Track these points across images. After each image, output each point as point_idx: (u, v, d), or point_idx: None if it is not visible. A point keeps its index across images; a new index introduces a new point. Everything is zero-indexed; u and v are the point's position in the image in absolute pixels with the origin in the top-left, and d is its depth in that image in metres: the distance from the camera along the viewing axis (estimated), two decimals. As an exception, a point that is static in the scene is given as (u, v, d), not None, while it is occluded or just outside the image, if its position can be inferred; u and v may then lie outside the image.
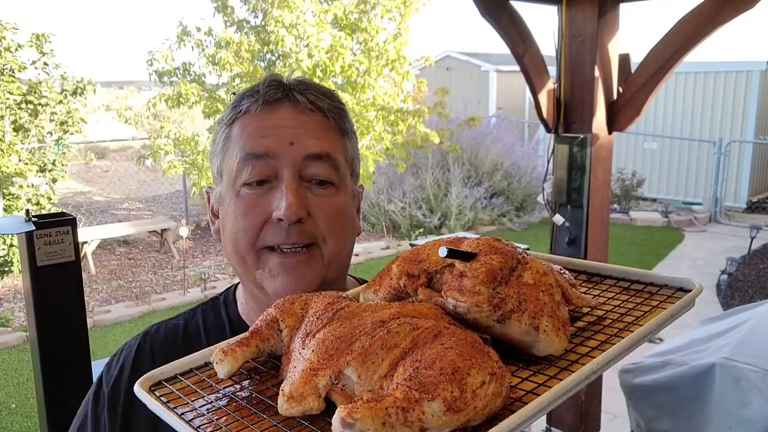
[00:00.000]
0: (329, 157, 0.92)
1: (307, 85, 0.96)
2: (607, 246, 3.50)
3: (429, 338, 0.55)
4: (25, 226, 2.61)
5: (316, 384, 0.54)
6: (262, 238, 0.90)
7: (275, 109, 0.92)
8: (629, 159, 12.54)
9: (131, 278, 8.07)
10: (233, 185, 0.92)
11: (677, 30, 2.95)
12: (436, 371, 0.50)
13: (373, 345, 0.55)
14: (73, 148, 13.46)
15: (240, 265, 0.94)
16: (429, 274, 0.68)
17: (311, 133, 0.92)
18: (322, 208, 0.91)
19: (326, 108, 0.95)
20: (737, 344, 2.73)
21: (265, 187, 0.90)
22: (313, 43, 7.95)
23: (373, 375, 0.54)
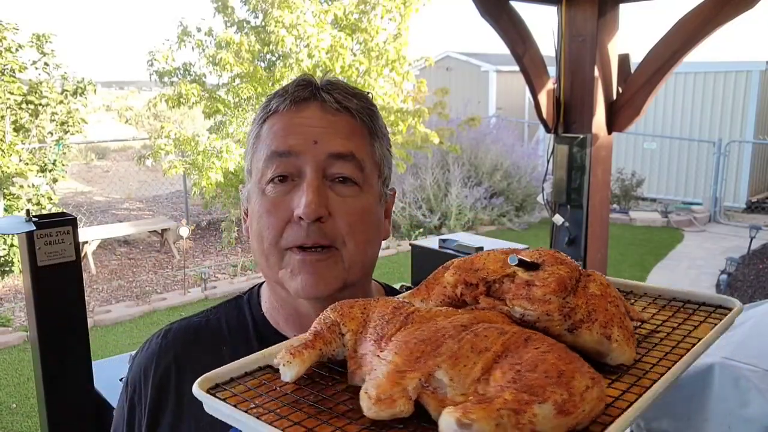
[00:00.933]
0: (353, 156, 0.91)
1: (336, 84, 0.96)
2: (606, 246, 3.50)
3: (520, 342, 0.55)
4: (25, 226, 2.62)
5: (406, 386, 0.53)
6: (285, 238, 0.90)
7: (303, 109, 0.93)
8: (629, 159, 12.54)
9: (132, 278, 8.08)
10: (259, 183, 0.93)
11: (677, 30, 2.96)
12: (541, 374, 0.50)
13: (463, 348, 0.55)
14: (73, 148, 13.46)
15: (264, 263, 0.94)
16: (487, 283, 0.68)
17: (337, 133, 0.92)
18: (343, 208, 0.90)
19: (354, 108, 0.94)
20: (737, 344, 2.73)
21: (288, 185, 0.90)
22: (313, 43, 7.96)
23: (465, 378, 0.53)
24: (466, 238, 4.91)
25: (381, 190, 0.98)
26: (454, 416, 0.46)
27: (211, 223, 10.60)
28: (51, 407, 2.75)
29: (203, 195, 8.60)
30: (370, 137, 0.96)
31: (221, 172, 8.06)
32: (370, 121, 0.96)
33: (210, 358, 0.95)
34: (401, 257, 8.71)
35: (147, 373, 0.99)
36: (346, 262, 0.91)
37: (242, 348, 0.96)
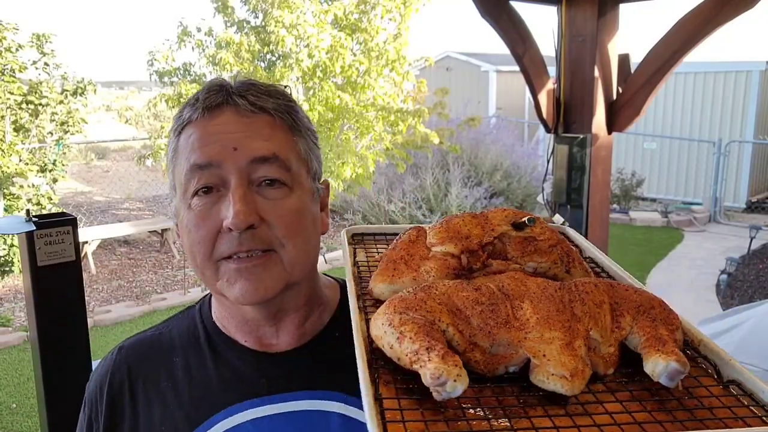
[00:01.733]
0: (277, 157, 0.88)
1: (249, 85, 0.93)
2: (606, 246, 3.50)
3: (611, 288, 0.66)
4: (25, 226, 2.62)
5: (581, 354, 0.57)
6: (218, 249, 0.87)
7: (216, 115, 0.89)
8: (629, 159, 12.54)
9: (131, 278, 8.08)
10: (184, 198, 0.90)
11: (677, 30, 2.96)
12: (658, 309, 0.65)
13: (590, 307, 0.62)
14: (73, 148, 13.46)
15: (202, 277, 0.91)
16: (484, 246, 0.73)
17: (256, 136, 0.88)
18: (275, 212, 0.88)
19: (271, 107, 0.91)
20: (737, 344, 2.73)
21: (214, 196, 0.87)
22: (313, 43, 7.96)
23: (606, 331, 0.61)
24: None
25: (312, 186, 0.95)
26: (674, 361, 0.56)
27: (211, 223, 10.58)
28: (51, 407, 2.75)
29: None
30: (291, 134, 0.93)
31: (221, 172, 8.04)
32: (290, 118, 0.93)
33: (163, 371, 0.96)
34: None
35: (102, 389, 0.99)
36: (287, 263, 0.89)
37: (194, 357, 0.97)
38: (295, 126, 0.94)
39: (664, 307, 0.63)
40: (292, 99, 0.96)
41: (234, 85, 0.92)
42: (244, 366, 0.94)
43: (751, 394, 0.57)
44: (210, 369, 0.95)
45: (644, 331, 0.61)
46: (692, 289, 7.43)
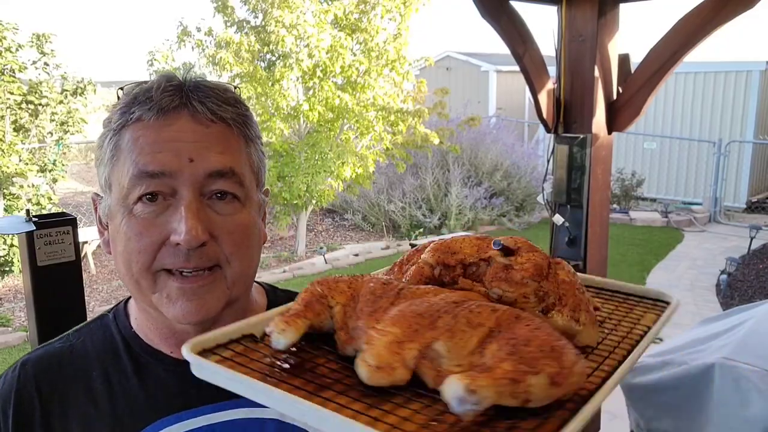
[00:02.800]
0: (234, 172, 0.84)
1: (207, 90, 0.87)
2: (606, 246, 3.50)
3: (511, 319, 0.60)
4: (25, 226, 2.61)
5: (405, 356, 0.56)
6: (159, 261, 0.82)
7: (172, 120, 0.83)
8: (629, 159, 12.55)
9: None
10: (124, 202, 0.83)
11: (677, 30, 2.96)
12: (535, 348, 0.55)
13: (459, 322, 0.58)
14: (73, 148, 13.47)
15: (134, 287, 0.86)
16: (464, 265, 0.72)
17: (213, 147, 0.83)
18: (225, 228, 0.84)
19: (229, 117, 0.86)
20: (737, 344, 2.73)
21: (160, 205, 0.82)
22: (313, 43, 7.96)
23: (462, 350, 0.57)
24: (466, 238, 4.90)
25: (259, 198, 0.92)
26: (463, 383, 0.49)
27: (211, 223, 10.59)
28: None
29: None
30: (246, 145, 0.89)
31: (221, 172, 8.05)
32: (245, 128, 0.89)
33: (80, 386, 0.90)
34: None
35: (6, 410, 0.90)
36: (230, 280, 0.86)
37: (114, 369, 0.91)
38: (249, 136, 0.90)
39: (544, 352, 0.54)
40: (246, 105, 0.92)
41: (189, 84, 0.86)
42: (171, 377, 0.90)
43: None
44: (133, 381, 0.89)
45: (492, 358, 0.56)
46: (692, 289, 7.43)
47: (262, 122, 8.37)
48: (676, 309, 0.82)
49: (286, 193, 8.53)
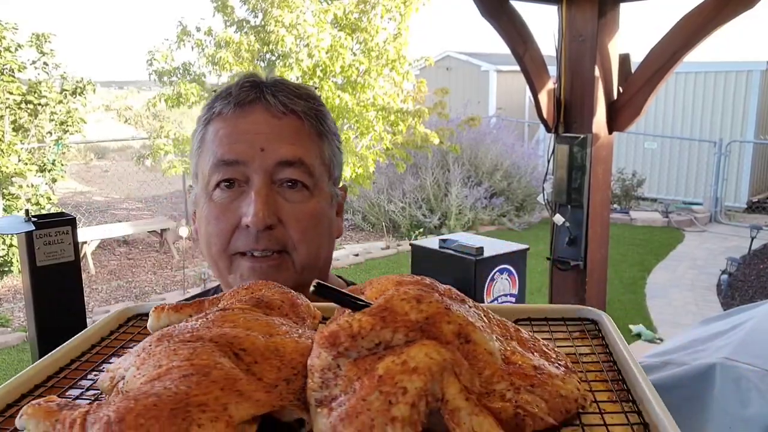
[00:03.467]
0: (302, 162, 0.90)
1: (282, 86, 0.93)
2: (607, 246, 3.50)
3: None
4: (24, 226, 2.61)
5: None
6: (234, 244, 0.89)
7: (248, 113, 0.90)
8: (629, 159, 12.54)
9: (131, 278, 8.07)
10: (206, 189, 0.91)
11: (677, 30, 2.95)
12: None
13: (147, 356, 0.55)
14: (72, 148, 13.46)
15: (214, 268, 0.94)
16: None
17: (284, 138, 0.89)
18: (293, 215, 0.89)
19: (301, 110, 0.92)
20: (737, 344, 2.72)
21: (235, 191, 0.89)
22: (313, 43, 7.96)
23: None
24: (466, 238, 4.90)
25: (331, 191, 0.97)
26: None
27: (211, 223, 10.59)
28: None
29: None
30: (318, 139, 0.94)
31: (221, 172, 8.05)
32: (318, 122, 0.94)
33: None
34: (401, 257, 8.71)
35: None
36: (298, 266, 0.91)
37: None
38: (323, 130, 0.95)
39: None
40: (322, 102, 0.97)
41: (267, 82, 0.93)
42: None
43: None
44: None
45: None
46: (693, 289, 7.43)
47: (261, 122, 8.37)
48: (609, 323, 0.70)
49: (285, 193, 8.51)
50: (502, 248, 4.70)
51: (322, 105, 0.97)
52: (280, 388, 0.51)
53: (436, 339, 0.49)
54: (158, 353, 0.52)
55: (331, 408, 0.47)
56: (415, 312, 0.50)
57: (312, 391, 0.49)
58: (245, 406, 0.48)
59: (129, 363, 0.54)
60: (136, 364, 0.53)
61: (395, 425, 0.44)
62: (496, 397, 0.50)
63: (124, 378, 0.54)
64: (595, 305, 3.63)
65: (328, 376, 0.49)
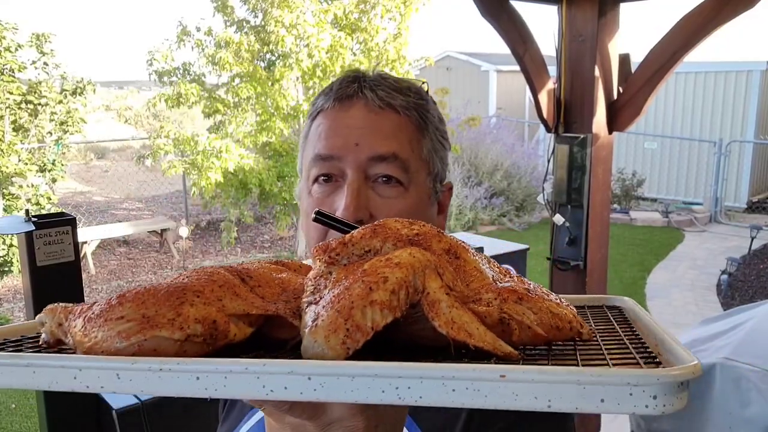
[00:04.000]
0: (396, 157, 0.89)
1: (382, 80, 0.93)
2: (607, 246, 3.50)
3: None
4: (24, 226, 2.61)
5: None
6: (329, 237, 0.90)
7: (347, 107, 0.91)
8: (629, 159, 12.54)
9: (131, 278, 8.07)
10: (307, 184, 0.95)
11: (677, 30, 2.95)
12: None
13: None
14: (72, 148, 13.47)
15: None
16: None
17: (378, 133, 0.90)
18: (385, 210, 0.89)
19: (399, 105, 0.91)
20: (737, 344, 2.73)
21: (332, 185, 0.91)
22: (313, 43, 7.96)
23: None
24: (467, 238, 4.91)
25: (430, 187, 0.95)
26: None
27: (211, 223, 10.59)
28: (50, 407, 2.75)
29: (203, 195, 8.60)
30: (417, 133, 0.93)
31: (221, 172, 8.06)
32: (418, 117, 0.93)
33: None
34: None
35: None
36: None
37: None
38: (423, 125, 0.94)
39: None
40: (425, 96, 0.96)
41: (368, 76, 0.94)
42: None
43: None
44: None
45: None
46: (693, 289, 7.43)
47: (261, 122, 8.38)
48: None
49: (286, 193, 8.52)
50: (502, 248, 4.70)
51: (425, 99, 0.95)
52: (278, 305, 0.54)
53: (426, 251, 0.51)
54: (186, 277, 0.55)
55: (317, 302, 0.49)
56: (406, 229, 0.53)
57: (305, 299, 0.51)
58: (239, 302, 0.51)
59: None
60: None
61: (374, 307, 0.46)
62: (481, 303, 0.50)
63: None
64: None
65: (319, 282, 0.52)
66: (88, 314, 0.51)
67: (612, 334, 0.60)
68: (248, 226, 9.90)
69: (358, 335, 0.45)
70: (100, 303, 0.51)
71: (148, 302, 0.49)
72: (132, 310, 0.48)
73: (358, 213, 0.87)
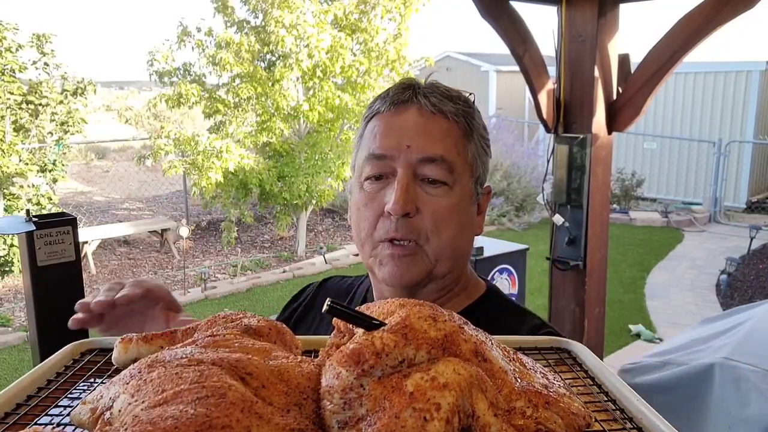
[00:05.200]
0: (443, 159, 0.97)
1: (435, 88, 1.01)
2: (606, 246, 3.50)
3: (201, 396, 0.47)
4: (25, 226, 2.61)
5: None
6: (378, 230, 0.99)
7: (401, 111, 0.99)
8: (629, 159, 12.54)
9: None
10: (359, 180, 1.03)
11: (677, 30, 2.95)
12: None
13: (146, 382, 0.52)
14: (73, 148, 13.46)
15: (361, 249, 1.04)
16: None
17: (429, 136, 0.97)
18: (430, 206, 0.97)
19: (449, 111, 0.99)
20: (737, 344, 2.73)
21: (383, 182, 0.99)
22: (313, 43, 7.96)
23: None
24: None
25: (473, 189, 1.03)
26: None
27: (211, 223, 10.60)
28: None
29: (203, 195, 8.60)
30: (464, 138, 1.00)
31: (221, 172, 8.06)
32: (465, 123, 1.01)
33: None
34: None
35: (297, 296, 1.29)
36: (431, 255, 0.98)
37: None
38: (469, 131, 1.02)
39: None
40: (472, 105, 1.05)
41: (422, 84, 1.02)
42: None
43: None
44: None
45: None
46: (692, 289, 7.43)
47: (262, 122, 8.38)
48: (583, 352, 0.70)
49: (286, 193, 8.52)
50: (502, 248, 4.70)
51: (472, 108, 1.04)
52: (293, 413, 0.49)
53: (457, 356, 0.50)
54: (156, 378, 0.50)
55: (359, 429, 0.45)
56: (433, 330, 0.50)
57: (333, 414, 0.47)
58: (266, 429, 0.45)
59: (115, 392, 0.52)
60: (128, 391, 0.50)
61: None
62: (517, 415, 0.50)
63: (111, 408, 0.50)
64: (595, 305, 3.62)
65: (350, 396, 0.47)
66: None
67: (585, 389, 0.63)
68: (248, 226, 9.90)
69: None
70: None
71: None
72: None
73: (407, 206, 0.94)
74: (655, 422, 0.55)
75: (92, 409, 0.53)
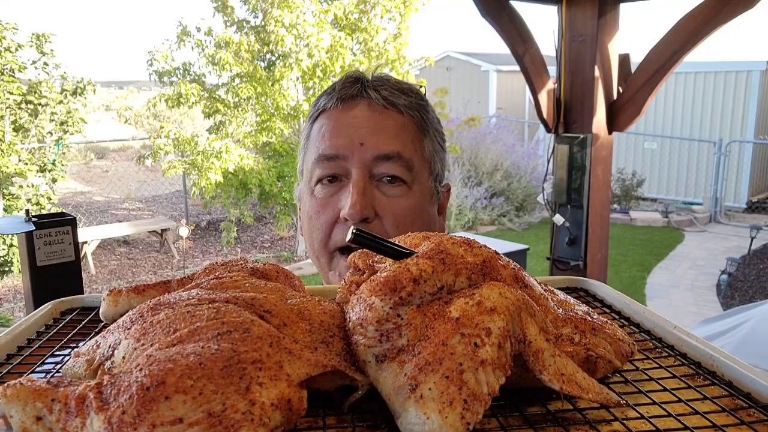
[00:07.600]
0: (400, 156, 0.90)
1: (384, 81, 0.94)
2: (607, 246, 3.50)
3: (210, 332, 0.43)
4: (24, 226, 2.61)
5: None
6: (333, 239, 0.91)
7: (350, 107, 0.92)
8: (629, 159, 12.54)
9: (131, 278, 8.07)
10: (309, 184, 0.94)
11: (677, 30, 2.95)
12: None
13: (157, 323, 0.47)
14: (72, 148, 13.46)
15: (317, 263, 0.96)
16: (373, 267, 0.52)
17: (383, 133, 0.90)
18: (390, 209, 0.90)
19: (402, 105, 0.92)
20: (737, 344, 2.73)
21: (336, 186, 0.91)
22: (313, 43, 7.96)
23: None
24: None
25: (432, 187, 0.96)
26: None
27: (211, 223, 10.59)
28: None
29: (203, 195, 8.60)
30: (419, 133, 0.94)
31: (220, 172, 8.06)
32: (420, 117, 0.94)
33: None
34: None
35: None
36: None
37: None
38: (424, 126, 0.95)
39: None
40: (425, 98, 0.97)
41: (370, 78, 0.95)
42: None
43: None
44: None
45: None
46: (693, 289, 7.43)
47: (261, 122, 8.37)
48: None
49: (286, 193, 8.52)
50: (502, 248, 4.70)
51: (425, 101, 0.96)
52: (322, 351, 0.45)
53: (499, 281, 0.47)
54: (165, 319, 0.45)
55: (402, 360, 0.41)
56: (470, 255, 0.48)
57: (368, 348, 0.43)
58: (299, 365, 0.42)
59: (115, 339, 0.47)
60: (132, 336, 0.45)
61: (486, 368, 0.39)
62: (565, 341, 0.48)
63: (113, 357, 0.46)
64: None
65: (387, 327, 0.43)
66: (110, 410, 0.36)
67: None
68: (248, 226, 9.90)
69: (476, 406, 0.38)
70: (118, 383, 0.38)
71: (205, 390, 0.36)
72: (189, 407, 0.36)
73: (365, 211, 0.87)
74: (699, 347, 0.55)
75: (88, 360, 0.48)
